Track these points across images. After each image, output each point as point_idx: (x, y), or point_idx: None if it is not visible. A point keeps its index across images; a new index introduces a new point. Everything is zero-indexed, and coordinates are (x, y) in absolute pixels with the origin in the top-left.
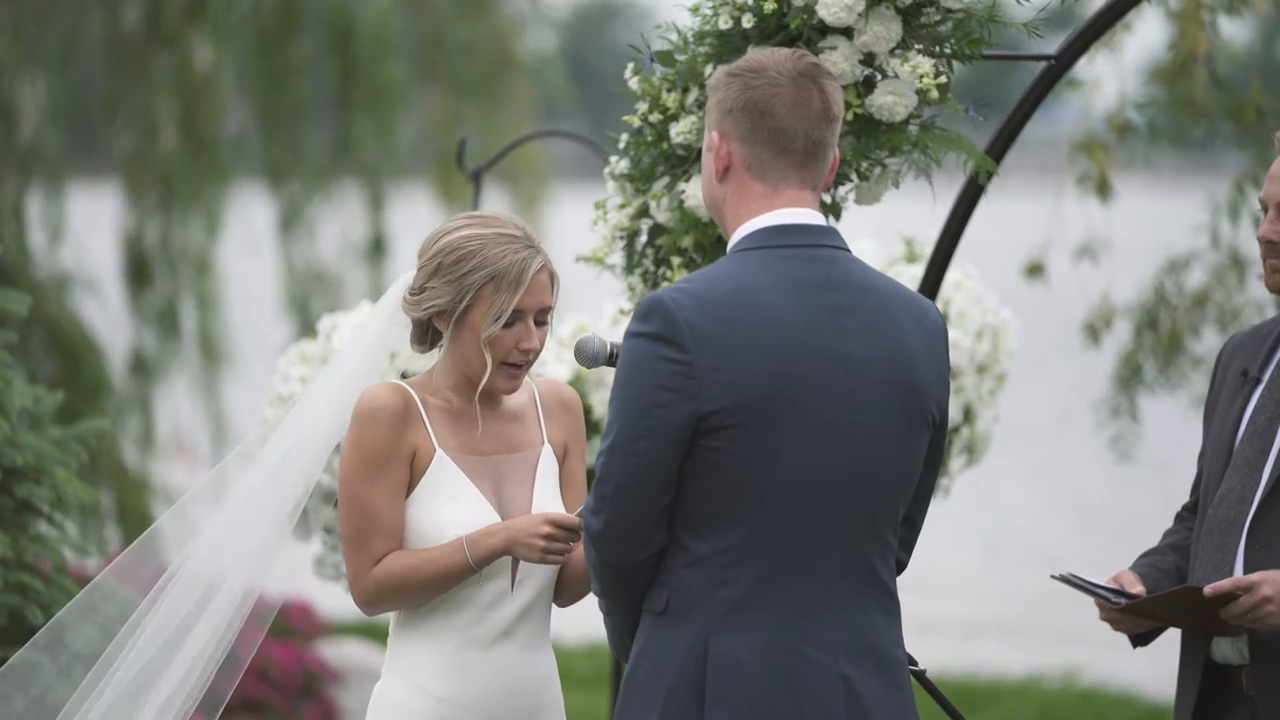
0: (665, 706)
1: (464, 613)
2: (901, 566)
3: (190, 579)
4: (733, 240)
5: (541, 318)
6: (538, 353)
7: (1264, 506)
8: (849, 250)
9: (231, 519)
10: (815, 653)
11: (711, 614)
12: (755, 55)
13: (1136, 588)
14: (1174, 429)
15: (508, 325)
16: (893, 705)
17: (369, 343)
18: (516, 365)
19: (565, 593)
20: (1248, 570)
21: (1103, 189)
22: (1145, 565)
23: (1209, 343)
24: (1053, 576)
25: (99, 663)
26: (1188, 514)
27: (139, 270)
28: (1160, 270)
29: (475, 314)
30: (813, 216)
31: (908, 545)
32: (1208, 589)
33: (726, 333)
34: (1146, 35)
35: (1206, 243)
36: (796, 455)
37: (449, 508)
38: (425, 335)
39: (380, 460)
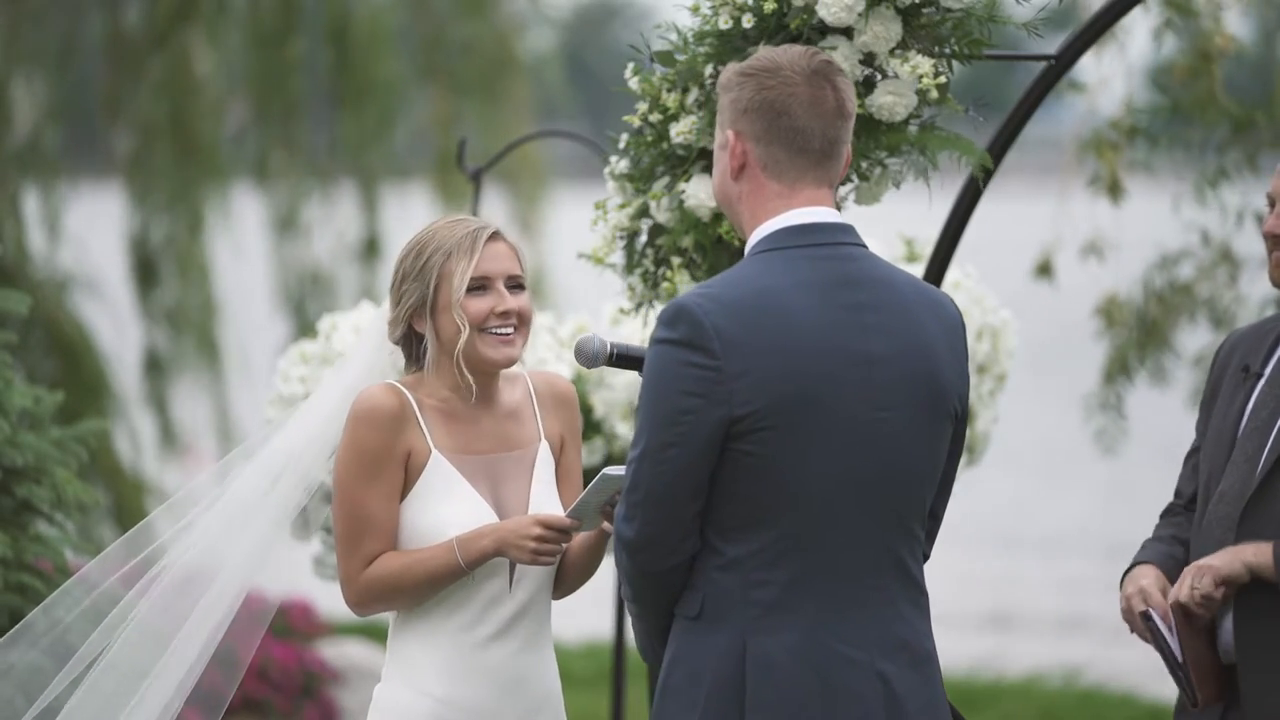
0: (705, 711)
1: (463, 613)
2: (925, 558)
3: (182, 575)
4: (751, 241)
5: (513, 283)
6: (522, 317)
7: (1255, 498)
8: (866, 247)
9: (228, 517)
10: (852, 651)
11: (746, 617)
12: (768, 54)
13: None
14: (1162, 424)
15: (478, 293)
16: (927, 698)
17: (371, 350)
18: (501, 333)
19: (561, 585)
20: None
21: (1114, 189)
22: (1161, 555)
23: (1199, 339)
24: (1141, 614)
25: (78, 655)
26: (1182, 510)
27: (143, 270)
28: (1150, 267)
29: (443, 293)
30: (830, 215)
31: (930, 536)
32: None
33: (752, 336)
34: (1145, 35)
35: (1198, 239)
36: (825, 454)
37: (446, 508)
38: (412, 351)
39: (375, 461)
